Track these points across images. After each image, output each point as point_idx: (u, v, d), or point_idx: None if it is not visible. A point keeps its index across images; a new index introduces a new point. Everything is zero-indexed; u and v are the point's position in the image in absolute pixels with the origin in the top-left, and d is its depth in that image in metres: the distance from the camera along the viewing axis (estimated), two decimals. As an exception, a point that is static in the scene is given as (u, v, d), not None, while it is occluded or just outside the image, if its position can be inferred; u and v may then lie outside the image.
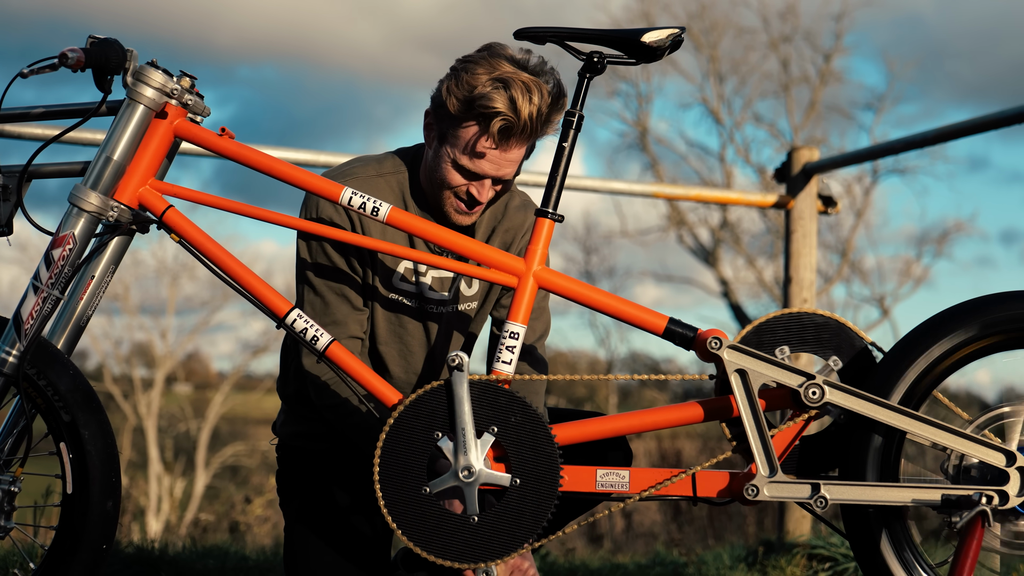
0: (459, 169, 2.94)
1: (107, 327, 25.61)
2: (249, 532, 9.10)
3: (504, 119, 2.85)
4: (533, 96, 2.85)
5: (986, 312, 2.81)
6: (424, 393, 2.72)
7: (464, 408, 2.70)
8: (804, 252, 5.46)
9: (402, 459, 2.72)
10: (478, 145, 2.90)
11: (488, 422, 2.72)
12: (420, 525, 2.72)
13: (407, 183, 3.06)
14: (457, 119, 2.91)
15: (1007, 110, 4.72)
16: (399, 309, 3.09)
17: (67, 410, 2.74)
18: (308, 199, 3.00)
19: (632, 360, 28.31)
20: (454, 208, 2.99)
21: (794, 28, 26.55)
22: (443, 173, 2.95)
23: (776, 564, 5.05)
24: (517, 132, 2.88)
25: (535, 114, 2.86)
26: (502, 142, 2.89)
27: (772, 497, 2.78)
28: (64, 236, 2.77)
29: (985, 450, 2.79)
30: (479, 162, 2.92)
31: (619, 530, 10.31)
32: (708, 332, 2.81)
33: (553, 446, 2.72)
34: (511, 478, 2.73)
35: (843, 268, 25.48)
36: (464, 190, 2.96)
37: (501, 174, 2.94)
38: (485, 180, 2.95)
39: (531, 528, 2.72)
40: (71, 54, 2.72)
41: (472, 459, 2.71)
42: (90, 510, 2.73)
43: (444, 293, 3.10)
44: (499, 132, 2.87)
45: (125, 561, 4.56)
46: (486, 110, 2.85)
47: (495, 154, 2.91)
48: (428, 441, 2.72)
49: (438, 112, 2.95)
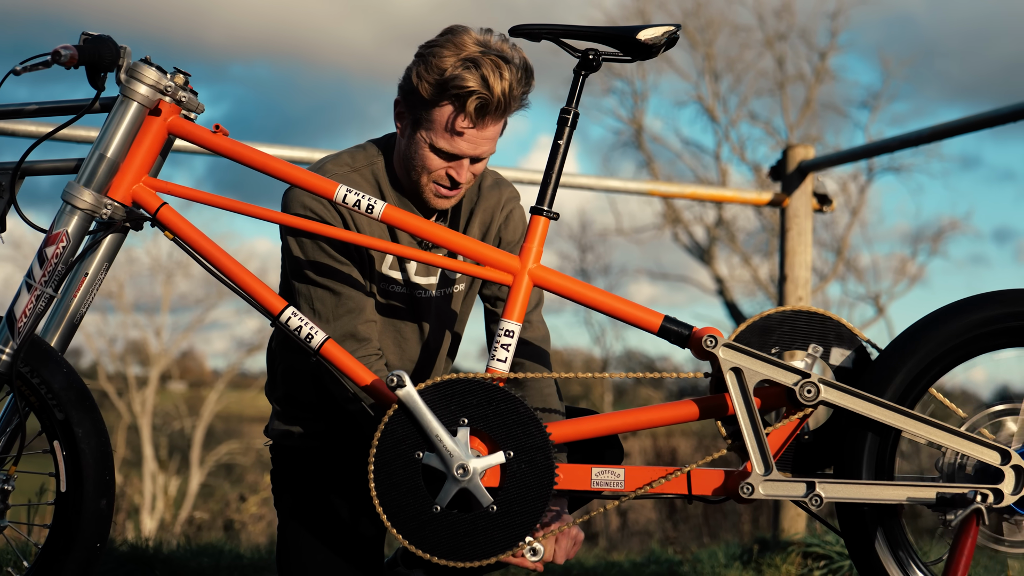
0: (437, 152, 2.95)
1: (101, 325, 25.63)
2: (244, 530, 9.09)
3: (479, 97, 2.87)
4: (504, 72, 2.87)
5: (981, 310, 2.81)
6: (388, 423, 2.71)
7: (427, 418, 2.70)
8: (799, 250, 5.46)
9: (396, 482, 2.72)
10: (455, 125, 2.91)
11: (455, 417, 2.72)
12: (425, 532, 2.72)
13: (382, 173, 3.07)
14: (430, 103, 2.92)
15: (1002, 108, 4.72)
16: (389, 298, 3.09)
17: (61, 408, 2.73)
18: (291, 195, 2.99)
19: (627, 358, 28.33)
20: (434, 193, 3.01)
21: (789, 26, 26.58)
22: (421, 158, 2.97)
23: (771, 562, 5.05)
24: (492, 109, 2.89)
25: (507, 90, 2.88)
26: (478, 120, 2.90)
27: (767, 495, 2.78)
28: (58, 234, 2.76)
29: (980, 448, 2.79)
30: (457, 142, 2.93)
31: (614, 528, 10.31)
32: (703, 330, 2.81)
33: (524, 407, 2.72)
34: (503, 452, 2.72)
35: (838, 266, 25.52)
36: (444, 173, 2.97)
37: (479, 152, 2.95)
38: (464, 160, 2.96)
39: (541, 498, 2.72)
40: (64, 51, 2.71)
41: (460, 458, 2.71)
42: (84, 508, 2.73)
43: (431, 278, 3.10)
44: (475, 111, 2.88)
45: (119, 559, 4.56)
46: (460, 90, 2.87)
47: (472, 133, 2.92)
48: (414, 463, 2.72)
49: (409, 99, 2.96)
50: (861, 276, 26.21)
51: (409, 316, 3.11)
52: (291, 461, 3.17)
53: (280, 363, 3.15)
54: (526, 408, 2.73)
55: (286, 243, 3.03)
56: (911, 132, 5.23)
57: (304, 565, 3.06)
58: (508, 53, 2.91)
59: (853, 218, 25.71)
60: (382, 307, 3.08)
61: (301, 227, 2.84)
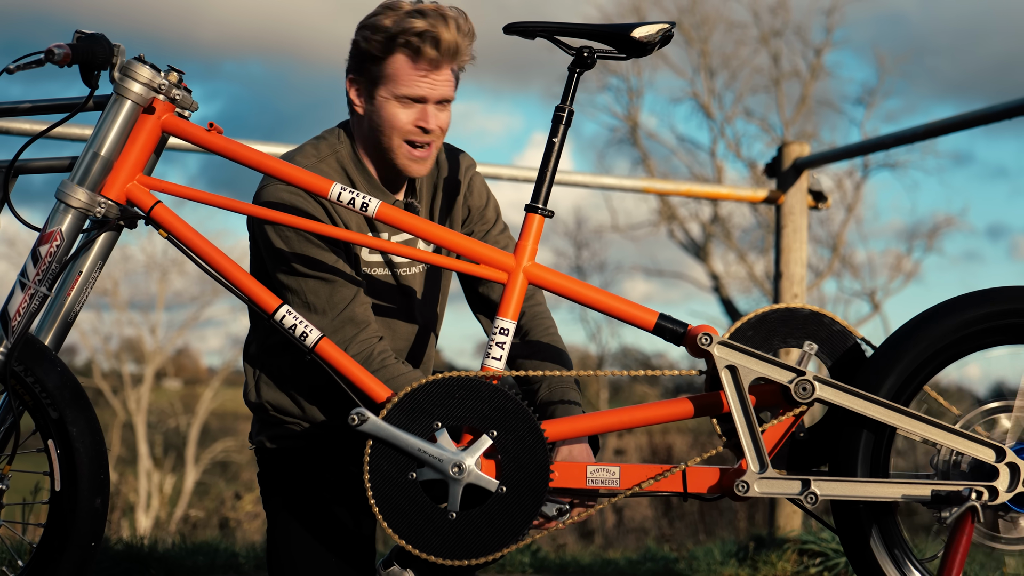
0: (401, 100, 2.98)
1: (96, 323, 25.61)
2: (239, 528, 9.09)
3: (430, 36, 2.93)
4: (446, 15, 2.95)
5: (976, 308, 2.81)
6: (370, 459, 2.73)
7: (402, 438, 2.72)
8: (795, 247, 5.46)
9: (403, 509, 2.74)
10: (411, 67, 2.96)
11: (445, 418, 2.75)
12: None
13: (347, 159, 3.08)
14: (383, 57, 2.97)
15: (996, 105, 4.73)
16: (374, 281, 3.09)
17: (55, 407, 2.72)
18: (267, 190, 2.99)
19: (623, 355, 28.35)
20: (407, 156, 3.02)
21: (784, 23, 26.58)
22: (388, 117, 2.99)
23: (767, 559, 5.05)
24: (443, 49, 2.94)
25: (455, 32, 2.95)
26: (431, 60, 2.96)
27: (762, 493, 2.78)
28: (51, 232, 2.76)
29: (974, 446, 2.79)
30: (417, 82, 2.97)
31: (610, 525, 10.31)
32: (698, 328, 2.81)
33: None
34: (486, 434, 2.74)
35: (834, 263, 25.52)
36: (412, 127, 2.99)
37: (440, 93, 3.00)
38: (428, 107, 2.99)
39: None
40: (57, 50, 2.71)
41: (451, 459, 2.72)
42: (78, 507, 2.72)
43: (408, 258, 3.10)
44: (428, 48, 2.94)
45: (114, 558, 4.55)
46: (409, 33, 2.93)
47: (428, 73, 2.97)
48: (411, 484, 2.74)
49: (362, 63, 3.01)
50: (857, 273, 26.24)
51: (395, 296, 3.11)
52: (278, 463, 3.15)
53: (262, 369, 3.13)
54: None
55: (266, 237, 3.00)
56: (906, 129, 5.24)
57: (295, 566, 3.05)
58: (446, 8, 2.99)
59: (849, 215, 25.73)
60: (369, 291, 3.08)
61: (288, 223, 2.84)
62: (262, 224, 3.00)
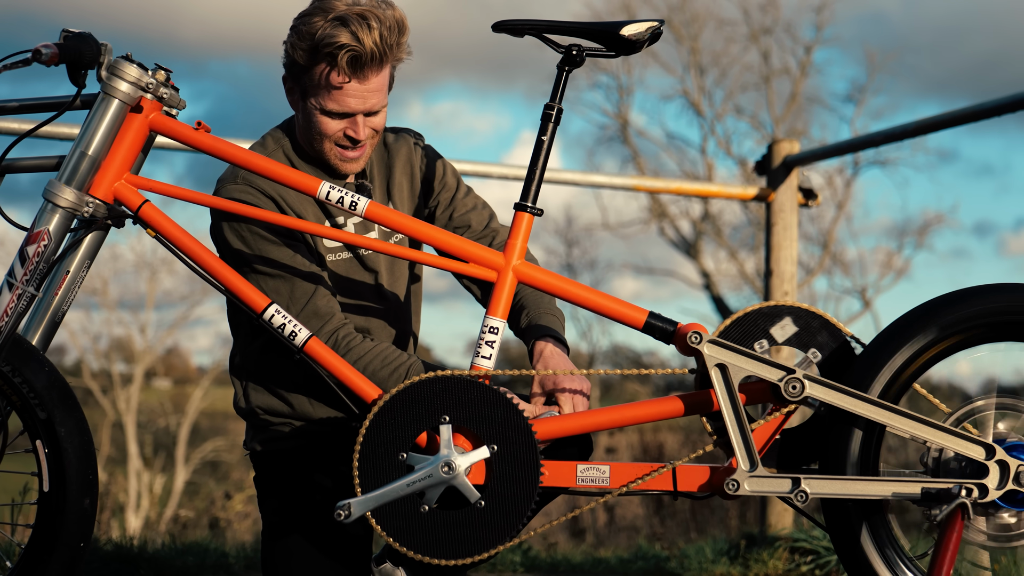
0: (328, 114, 2.98)
1: (85, 322, 25.60)
2: (229, 528, 9.08)
3: (350, 50, 2.89)
4: (372, 23, 2.91)
5: (967, 305, 2.81)
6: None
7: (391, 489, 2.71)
8: (785, 245, 5.47)
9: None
10: (336, 83, 2.94)
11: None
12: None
13: (291, 152, 3.11)
14: (309, 68, 2.96)
15: (987, 102, 4.74)
16: (339, 266, 3.10)
17: (43, 407, 2.72)
18: (223, 190, 3.01)
19: (614, 353, 28.39)
20: (338, 157, 3.04)
21: (774, 20, 26.60)
22: (317, 125, 3.00)
23: (758, 557, 5.05)
24: (367, 60, 2.92)
25: (378, 39, 2.91)
26: (356, 73, 2.94)
27: (752, 491, 2.78)
28: (39, 232, 2.75)
29: (964, 443, 2.78)
30: (343, 99, 2.96)
31: (601, 524, 10.31)
32: (688, 326, 2.80)
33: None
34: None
35: (824, 260, 25.55)
36: (341, 134, 3.01)
37: (368, 106, 2.99)
38: (357, 117, 2.99)
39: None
40: (45, 49, 2.70)
41: (445, 455, 2.72)
42: (67, 508, 2.71)
43: (371, 233, 3.11)
44: (348, 64, 2.91)
45: (104, 559, 4.54)
46: (331, 47, 2.90)
47: (355, 87, 2.95)
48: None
49: (292, 71, 3.01)
50: (847, 270, 26.28)
51: (362, 277, 3.12)
52: (273, 465, 3.15)
53: (248, 376, 3.12)
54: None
55: (224, 239, 3.02)
56: (896, 126, 5.24)
57: (291, 568, 3.05)
58: (379, 7, 2.95)
59: (839, 212, 25.77)
60: (334, 277, 3.08)
61: (276, 221, 2.84)
62: (219, 229, 3.02)
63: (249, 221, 2.97)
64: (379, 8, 2.94)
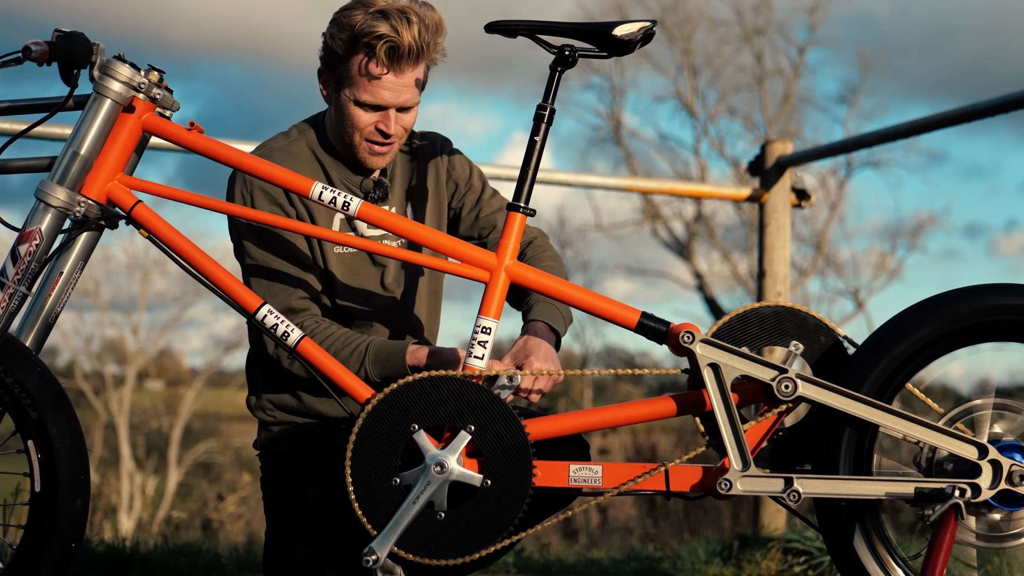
0: (362, 105, 3.00)
1: (78, 323, 25.50)
2: (222, 530, 9.06)
3: (389, 41, 2.92)
4: (411, 17, 2.94)
5: (959, 305, 2.81)
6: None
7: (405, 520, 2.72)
8: (778, 246, 5.47)
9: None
10: (372, 73, 2.97)
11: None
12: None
13: (315, 143, 3.13)
14: (347, 58, 2.99)
15: (980, 102, 4.74)
16: (348, 262, 3.11)
17: (35, 408, 2.71)
18: (236, 183, 3.04)
19: (607, 354, 28.34)
20: (368, 151, 3.05)
21: (767, 21, 26.61)
22: (350, 117, 3.02)
23: (751, 558, 5.05)
24: (404, 53, 2.95)
25: (417, 35, 2.94)
26: (393, 65, 2.96)
27: (745, 491, 2.78)
28: (31, 232, 2.74)
29: (957, 443, 2.79)
30: (378, 91, 2.98)
31: (594, 525, 10.31)
32: (680, 326, 2.80)
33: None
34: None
35: (817, 261, 25.56)
36: (372, 128, 3.02)
37: (402, 100, 3.01)
38: (390, 111, 3.01)
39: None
40: (35, 47, 2.70)
41: (431, 458, 2.72)
42: (59, 508, 2.71)
43: (385, 243, 3.08)
44: (387, 54, 2.94)
45: (96, 560, 4.54)
46: (370, 37, 2.92)
47: (390, 79, 2.97)
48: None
49: (329, 63, 3.04)
50: (840, 271, 26.28)
51: (371, 274, 3.13)
52: (278, 465, 3.15)
53: (258, 372, 3.14)
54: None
55: (230, 232, 3.10)
56: (888, 127, 5.25)
57: (294, 567, 3.05)
58: (418, 6, 2.99)
59: (832, 213, 25.77)
60: (343, 273, 3.10)
61: (268, 222, 2.84)
62: (229, 223, 3.08)
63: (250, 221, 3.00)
64: (419, 7, 2.99)
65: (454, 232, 3.25)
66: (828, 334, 2.88)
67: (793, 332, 2.87)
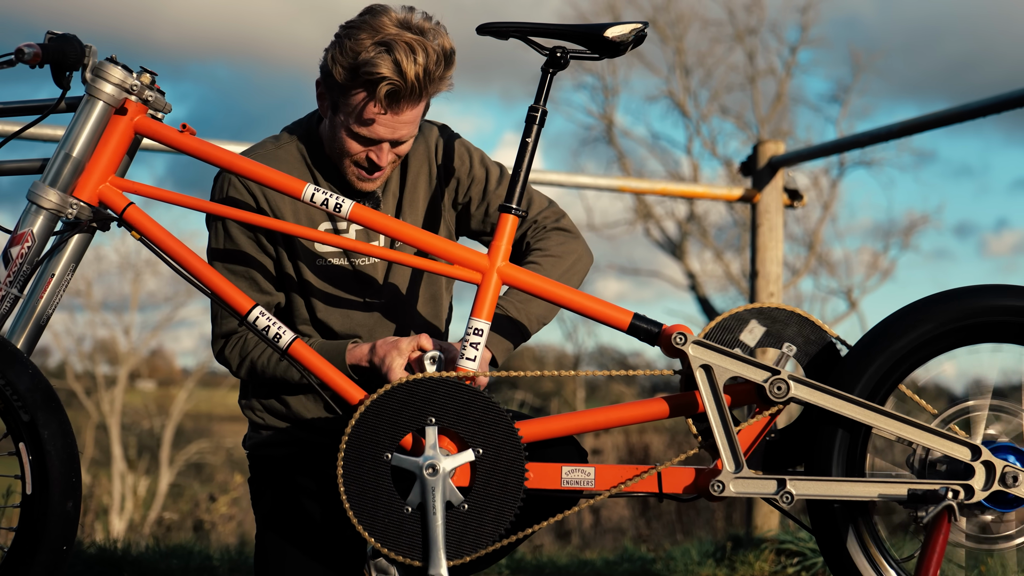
0: (354, 137, 2.93)
1: (69, 324, 25.45)
2: (214, 531, 9.04)
3: (390, 84, 2.82)
4: (418, 56, 2.82)
5: (952, 305, 2.81)
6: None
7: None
8: (770, 246, 5.47)
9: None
10: (368, 112, 2.88)
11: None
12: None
13: (306, 150, 3.06)
14: (345, 88, 2.89)
15: (972, 102, 4.75)
16: (330, 272, 3.07)
17: (26, 410, 2.70)
18: (219, 182, 3.03)
19: (600, 354, 28.35)
20: (355, 176, 2.99)
21: (760, 20, 26.63)
22: (340, 142, 2.95)
23: (744, 559, 5.05)
24: (405, 95, 2.85)
25: (421, 74, 2.83)
26: (391, 106, 2.87)
27: (738, 493, 2.78)
28: (23, 234, 2.74)
29: (950, 444, 2.79)
30: (373, 128, 2.90)
31: (587, 525, 10.30)
32: (673, 327, 2.80)
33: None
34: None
35: (810, 261, 25.58)
36: (363, 157, 2.96)
37: (397, 136, 2.93)
38: (383, 144, 2.94)
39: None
40: (27, 49, 2.69)
41: (429, 457, 2.72)
42: (50, 511, 2.70)
43: (372, 244, 3.01)
44: (386, 97, 2.84)
45: (87, 562, 4.53)
46: (371, 76, 2.82)
47: (387, 119, 2.89)
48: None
49: (327, 82, 2.94)
50: (833, 271, 26.31)
51: (354, 286, 3.08)
52: (268, 468, 3.14)
53: None
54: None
55: (207, 229, 3.09)
56: (881, 127, 5.25)
57: (284, 569, 3.04)
58: (428, 34, 2.87)
59: (825, 212, 25.79)
60: (324, 285, 3.06)
61: (266, 225, 2.83)
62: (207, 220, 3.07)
63: (225, 225, 3.01)
64: (429, 36, 2.87)
65: (464, 229, 3.18)
66: (821, 335, 2.88)
67: (785, 333, 2.87)
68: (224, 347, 3.07)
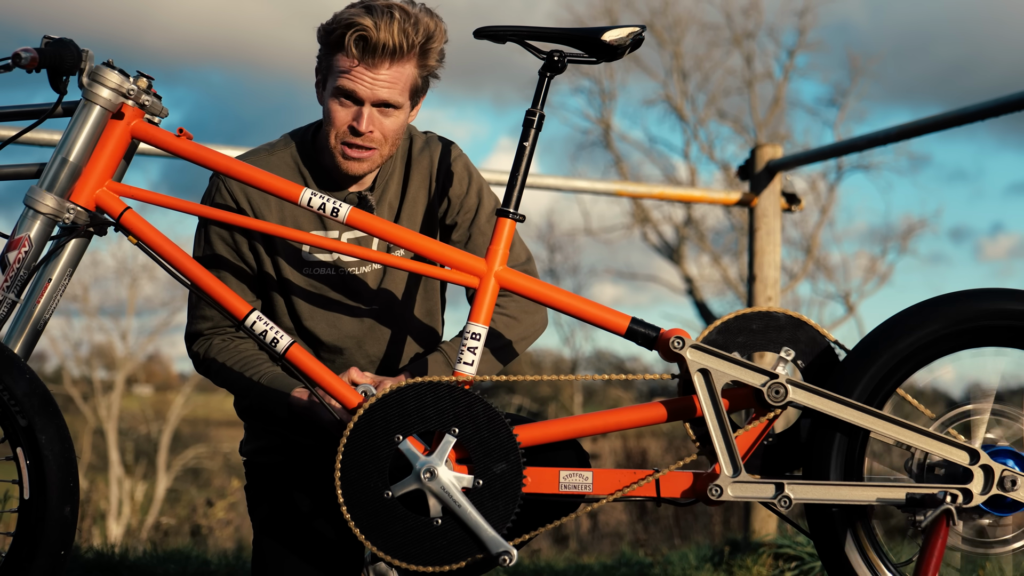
0: (337, 98, 2.95)
1: (66, 329, 25.46)
2: (211, 536, 9.05)
3: (359, 29, 2.86)
4: (394, 12, 2.88)
5: (949, 309, 2.81)
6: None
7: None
8: (768, 250, 5.47)
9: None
10: (343, 63, 2.92)
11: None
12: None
13: (299, 155, 3.07)
14: (328, 49, 2.95)
15: (971, 106, 4.75)
16: (318, 281, 3.07)
17: (24, 415, 2.70)
18: (208, 188, 3.05)
19: (597, 359, 28.34)
20: (342, 154, 2.98)
21: (757, 24, 26.65)
22: (329, 113, 2.97)
23: (742, 564, 5.05)
24: (377, 47, 2.88)
25: (396, 31, 2.87)
26: (364, 57, 2.89)
27: (736, 497, 2.77)
28: (20, 239, 2.74)
29: (949, 448, 2.78)
30: (352, 81, 2.91)
31: (585, 530, 10.31)
32: (671, 332, 2.80)
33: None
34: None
35: (808, 265, 25.58)
36: (347, 128, 2.95)
37: (375, 96, 2.93)
38: (364, 108, 2.94)
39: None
40: (24, 54, 2.69)
41: (432, 461, 2.70)
42: (47, 516, 2.70)
43: (368, 248, 3.01)
44: (355, 44, 2.88)
45: (85, 567, 4.53)
46: (341, 26, 2.88)
47: (363, 72, 2.91)
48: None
49: (319, 56, 3.00)
50: (831, 275, 26.31)
51: (342, 295, 3.08)
52: (264, 475, 3.14)
53: None
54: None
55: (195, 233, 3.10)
56: (879, 131, 5.25)
57: (282, 574, 3.03)
58: (415, 8, 2.92)
59: (822, 217, 25.80)
60: (310, 295, 3.06)
61: (263, 230, 2.83)
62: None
63: (223, 224, 3.00)
64: (414, 9, 2.92)
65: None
66: (819, 339, 2.88)
67: (783, 337, 2.87)
68: (192, 344, 3.12)
